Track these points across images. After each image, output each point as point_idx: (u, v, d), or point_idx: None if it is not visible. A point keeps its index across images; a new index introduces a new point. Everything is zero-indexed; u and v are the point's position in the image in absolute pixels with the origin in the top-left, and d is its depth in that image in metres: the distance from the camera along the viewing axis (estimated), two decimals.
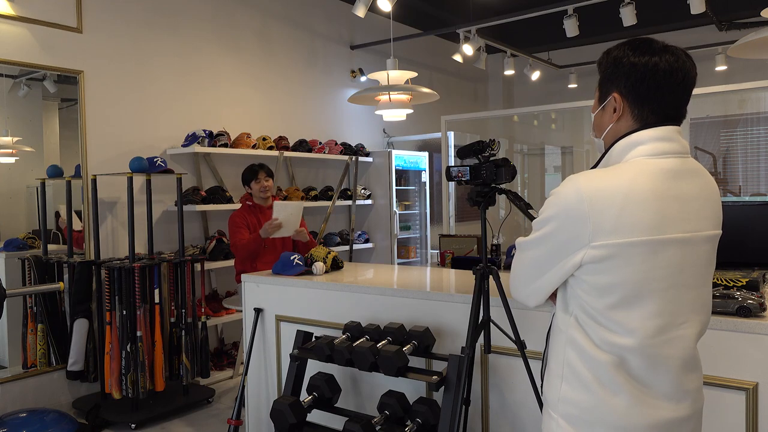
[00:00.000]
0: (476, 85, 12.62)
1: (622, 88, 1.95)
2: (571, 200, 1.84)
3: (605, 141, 2.04)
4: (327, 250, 4.81)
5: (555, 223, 1.88)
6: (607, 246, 1.81)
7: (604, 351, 1.87)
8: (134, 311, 5.51)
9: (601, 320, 1.87)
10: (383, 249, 9.13)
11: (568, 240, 1.86)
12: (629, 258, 1.81)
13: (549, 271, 1.94)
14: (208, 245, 6.80)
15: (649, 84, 1.90)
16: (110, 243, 6.21)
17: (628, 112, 1.95)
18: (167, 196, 6.70)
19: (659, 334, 1.85)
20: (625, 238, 1.80)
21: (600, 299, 1.86)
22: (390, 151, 9.07)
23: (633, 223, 1.80)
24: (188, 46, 7.03)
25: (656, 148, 1.89)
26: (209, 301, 6.84)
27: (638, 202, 1.80)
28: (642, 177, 1.83)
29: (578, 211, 1.82)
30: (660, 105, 1.92)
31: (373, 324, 3.76)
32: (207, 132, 6.76)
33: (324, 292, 4.31)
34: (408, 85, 6.04)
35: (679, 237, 1.85)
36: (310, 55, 8.65)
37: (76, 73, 5.94)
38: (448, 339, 3.75)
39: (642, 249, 1.81)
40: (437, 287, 3.96)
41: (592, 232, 1.81)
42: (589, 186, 1.83)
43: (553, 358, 2.01)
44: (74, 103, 5.98)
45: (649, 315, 1.84)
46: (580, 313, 1.92)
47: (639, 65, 1.91)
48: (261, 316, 4.66)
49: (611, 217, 1.80)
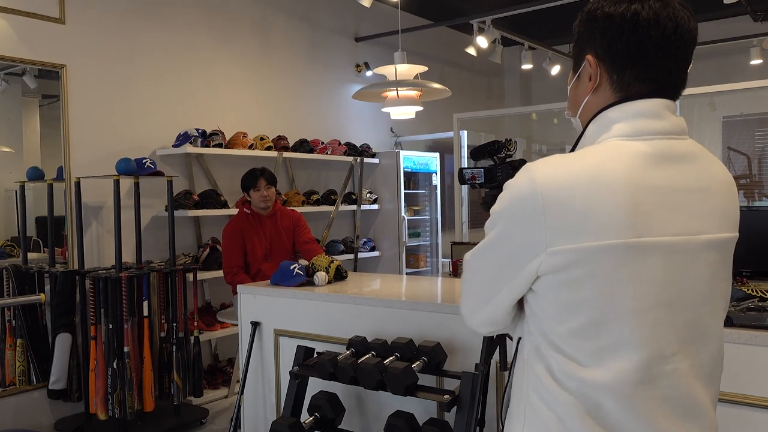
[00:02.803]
0: (491, 81, 12.63)
1: (597, 48, 1.66)
2: (522, 193, 1.57)
3: (582, 119, 1.77)
4: (330, 259, 4.82)
5: (504, 224, 1.61)
6: (566, 252, 1.52)
7: (569, 390, 1.57)
8: (121, 325, 5.52)
9: (566, 349, 1.58)
10: (391, 258, 9.13)
11: (521, 245, 1.58)
12: (595, 267, 1.52)
13: (504, 287, 1.66)
14: (201, 253, 6.81)
15: (629, 39, 1.61)
16: (95, 251, 6.23)
17: (606, 79, 1.67)
18: (157, 201, 6.72)
19: (639, 368, 1.54)
20: (589, 242, 1.51)
21: (562, 322, 1.57)
22: (398, 152, 9.10)
23: (599, 222, 1.51)
24: (180, 38, 7.06)
25: (635, 127, 1.61)
26: (202, 314, 6.86)
27: (606, 194, 1.51)
28: (611, 162, 1.55)
29: (530, 207, 1.55)
30: (645, 68, 1.62)
31: (380, 339, 3.76)
32: (200, 131, 6.78)
33: (326, 305, 4.31)
34: (417, 81, 6.04)
35: (662, 241, 1.54)
36: (311, 47, 8.68)
37: (58, 67, 5.97)
38: (460, 355, 3.74)
39: (611, 255, 1.51)
40: (449, 299, 3.96)
41: (548, 234, 1.53)
42: (545, 175, 1.55)
43: (515, 394, 1.73)
44: (56, 100, 6.00)
45: (625, 343, 1.54)
46: (541, 339, 1.63)
47: (615, 16, 1.61)
48: (258, 331, 4.67)
49: (571, 215, 1.52)
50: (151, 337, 5.78)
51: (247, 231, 5.86)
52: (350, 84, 9.25)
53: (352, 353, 3.76)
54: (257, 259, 5.84)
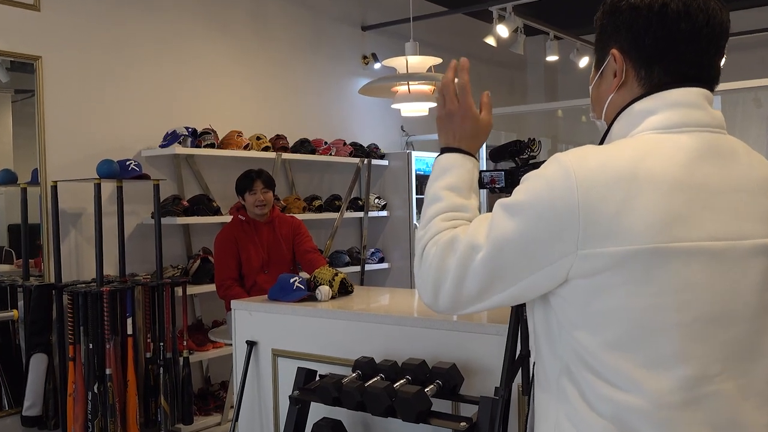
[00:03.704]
0: (513, 74, 12.62)
1: (622, 42, 1.69)
2: (557, 184, 1.55)
3: (606, 119, 1.79)
4: (334, 272, 4.82)
5: (531, 215, 1.58)
6: (602, 255, 1.51)
7: (603, 415, 1.55)
8: (103, 345, 5.52)
9: (598, 367, 1.56)
10: (401, 270, 9.12)
11: (548, 243, 1.56)
12: (627, 273, 1.51)
13: (512, 286, 1.63)
14: (191, 265, 6.81)
15: (657, 32, 1.62)
16: (74, 263, 6.23)
17: (632, 75, 1.69)
18: (142, 207, 6.73)
19: (681, 389, 1.51)
20: (626, 245, 1.49)
21: (595, 333, 1.56)
22: (409, 153, 9.11)
23: (637, 223, 1.49)
24: (168, 27, 7.07)
25: (673, 118, 1.61)
26: (192, 333, 6.85)
27: (643, 194, 1.50)
28: (652, 158, 1.54)
29: (566, 201, 1.53)
30: (675, 62, 1.64)
31: (389, 360, 3.75)
32: (190, 130, 6.78)
33: (330, 322, 4.31)
34: (431, 74, 6.04)
35: (703, 246, 1.52)
36: (313, 38, 8.69)
37: (32, 59, 5.98)
38: (478, 378, 3.73)
39: (649, 261, 1.49)
40: (466, 316, 3.95)
41: (583, 234, 1.52)
42: (582, 166, 1.55)
43: (543, 418, 1.72)
44: (31, 95, 6.01)
45: (663, 361, 1.51)
46: (573, 357, 1.61)
47: (642, 7, 1.63)
48: (255, 351, 4.66)
49: (609, 214, 1.50)
50: (136, 358, 5.77)
51: (242, 239, 5.86)
52: (356, 78, 9.25)
53: (359, 376, 3.75)
54: (253, 270, 5.84)
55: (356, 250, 8.88)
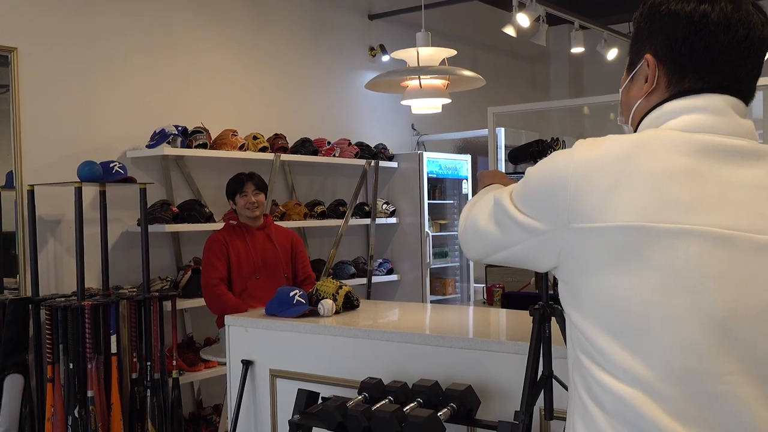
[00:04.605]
0: (534, 67, 12.63)
1: (657, 47, 1.74)
2: (558, 159, 1.72)
3: (632, 124, 1.85)
4: (338, 284, 4.82)
5: (533, 182, 1.76)
6: (591, 231, 1.60)
7: (606, 410, 1.60)
8: (84, 364, 5.53)
9: (597, 357, 1.62)
10: (412, 282, 9.13)
11: (544, 209, 1.70)
12: (622, 251, 1.57)
13: (507, 248, 1.84)
14: (180, 277, 6.82)
15: (694, 42, 1.67)
16: (52, 274, 6.24)
17: (663, 82, 1.75)
18: (127, 213, 6.73)
19: (682, 384, 1.53)
20: (616, 221, 1.57)
21: (582, 315, 1.65)
22: (421, 154, 9.11)
23: (628, 201, 1.57)
24: (156, 16, 7.08)
25: (693, 122, 1.66)
26: (183, 351, 6.85)
27: (644, 173, 1.58)
28: (656, 144, 1.62)
29: (561, 174, 1.67)
30: (710, 74, 1.69)
31: (399, 381, 3.75)
32: (180, 129, 6.78)
33: (334, 339, 4.31)
34: (445, 67, 6.05)
35: (712, 232, 1.54)
36: (315, 27, 8.70)
37: (7, 51, 6.00)
38: (496, 401, 3.73)
39: (638, 239, 1.55)
40: (483, 332, 3.95)
41: (574, 206, 1.62)
42: (586, 146, 1.69)
43: (569, 415, 1.78)
44: (5, 91, 6.03)
45: (664, 352, 1.54)
46: (577, 346, 1.70)
47: (682, 15, 1.68)
48: (251, 371, 4.66)
49: (601, 189, 1.60)
50: (121, 379, 5.79)
51: (233, 243, 5.87)
52: (363, 71, 9.27)
53: (365, 399, 3.75)
54: (243, 275, 5.84)
55: (362, 260, 8.88)
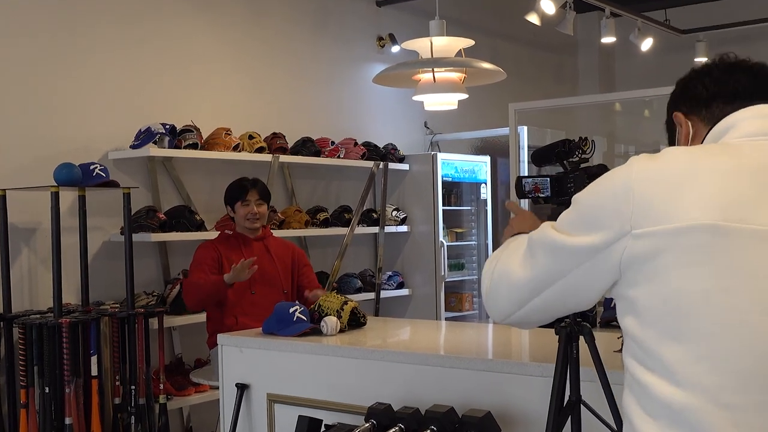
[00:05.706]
0: (561, 59, 12.64)
1: (681, 105, 2.05)
2: (617, 173, 1.81)
3: None
4: (343, 299, 4.83)
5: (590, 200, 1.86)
6: (654, 235, 1.67)
7: (654, 416, 1.68)
8: (61, 388, 5.53)
9: (649, 362, 1.70)
10: (425, 297, 9.13)
11: (604, 223, 1.77)
12: (687, 254, 1.65)
13: (552, 284, 1.90)
14: (168, 292, 6.82)
15: (705, 82, 1.99)
16: (26, 288, 6.26)
17: (698, 122, 1.99)
18: (110, 221, 6.75)
19: (750, 391, 1.60)
20: (682, 222, 1.65)
21: (645, 326, 1.71)
22: (434, 155, 9.12)
23: (695, 200, 1.67)
24: (142, 3, 7.10)
25: (760, 127, 1.83)
26: (171, 374, 6.85)
27: (708, 173, 1.70)
28: (720, 149, 1.81)
29: (622, 184, 1.77)
30: (732, 95, 1.93)
31: (410, 407, 3.75)
32: (167, 127, 6.78)
33: (338, 361, 4.32)
34: (461, 59, 6.06)
35: None
36: (318, 15, 8.72)
37: None
38: (519, 428, 3.74)
39: (707, 239, 1.64)
40: (503, 353, 3.96)
41: (634, 213, 1.71)
42: (646, 158, 1.80)
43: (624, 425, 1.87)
44: None
45: (721, 355, 1.62)
46: (630, 354, 1.78)
47: (693, 75, 2.04)
48: (246, 396, 4.67)
49: (665, 196, 1.70)
50: (102, 404, 5.79)
51: (227, 252, 5.85)
52: (370, 63, 9.28)
53: (373, 426, 3.75)
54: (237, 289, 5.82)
55: (370, 272, 8.89)
